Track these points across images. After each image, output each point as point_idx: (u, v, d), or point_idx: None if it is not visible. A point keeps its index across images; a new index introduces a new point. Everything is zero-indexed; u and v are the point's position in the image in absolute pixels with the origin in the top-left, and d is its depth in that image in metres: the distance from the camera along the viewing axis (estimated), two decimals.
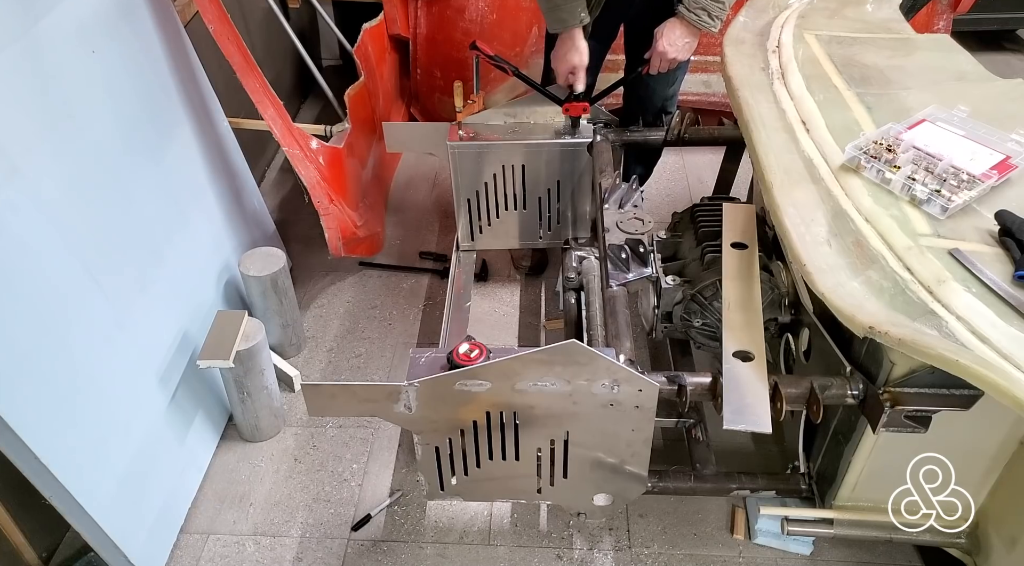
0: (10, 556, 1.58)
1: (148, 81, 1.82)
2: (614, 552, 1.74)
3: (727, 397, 1.29)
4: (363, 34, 2.73)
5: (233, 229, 2.18)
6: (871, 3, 2.07)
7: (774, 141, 1.54)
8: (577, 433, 1.42)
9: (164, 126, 1.88)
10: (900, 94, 1.65)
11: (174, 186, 1.89)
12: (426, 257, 2.63)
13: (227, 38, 1.92)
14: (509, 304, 2.44)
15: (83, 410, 1.48)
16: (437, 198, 2.95)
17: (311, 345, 2.30)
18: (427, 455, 1.48)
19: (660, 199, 2.89)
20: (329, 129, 2.44)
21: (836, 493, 1.50)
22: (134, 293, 1.67)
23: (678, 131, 2.09)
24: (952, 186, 1.32)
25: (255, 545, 1.76)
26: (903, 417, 1.24)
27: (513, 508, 1.83)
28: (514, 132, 2.10)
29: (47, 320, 1.40)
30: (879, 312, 1.14)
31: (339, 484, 1.90)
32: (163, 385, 1.74)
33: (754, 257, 1.61)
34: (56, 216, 1.46)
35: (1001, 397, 0.98)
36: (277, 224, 2.50)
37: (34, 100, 1.44)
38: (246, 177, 2.29)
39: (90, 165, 1.58)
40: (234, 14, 2.01)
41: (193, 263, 1.95)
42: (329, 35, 3.59)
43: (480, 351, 1.36)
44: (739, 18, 2.02)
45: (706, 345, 1.76)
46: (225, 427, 2.02)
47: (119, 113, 1.69)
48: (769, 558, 1.72)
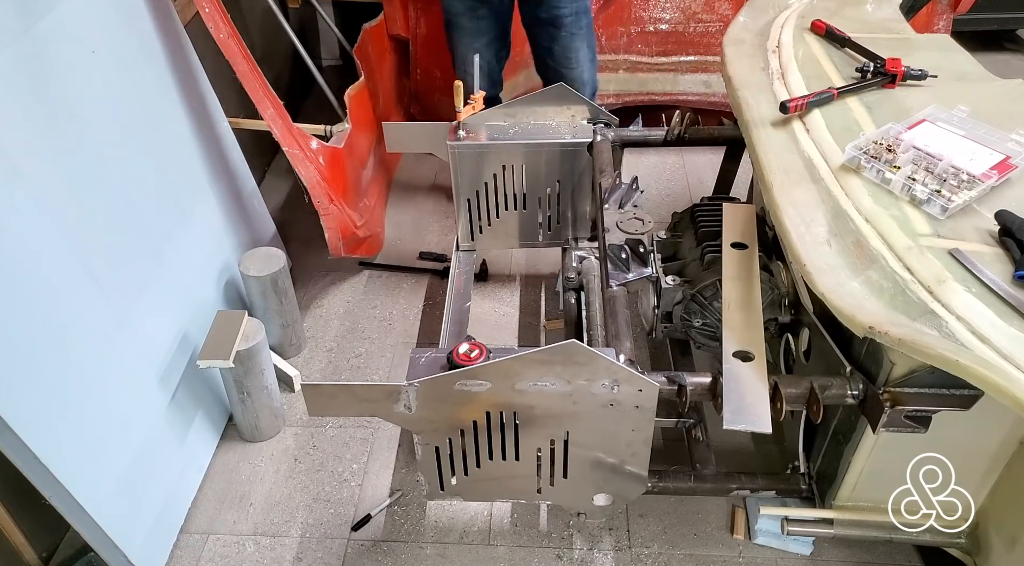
0: (10, 556, 1.59)
1: (148, 81, 1.82)
2: (614, 552, 1.74)
3: (727, 397, 1.29)
4: (363, 34, 2.73)
5: (233, 229, 2.18)
6: (871, 3, 2.07)
7: (774, 141, 1.54)
8: (577, 433, 1.42)
9: (164, 126, 1.88)
10: (900, 94, 1.65)
11: (174, 186, 1.89)
12: (426, 257, 2.63)
13: (227, 38, 1.92)
14: (509, 304, 2.44)
15: (83, 410, 1.48)
16: (437, 198, 2.95)
17: (311, 345, 2.30)
18: (427, 455, 1.48)
19: (660, 199, 2.89)
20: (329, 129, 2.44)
21: (836, 493, 1.50)
22: (134, 293, 1.67)
23: (678, 131, 2.09)
24: (952, 186, 1.32)
25: (255, 545, 1.76)
26: (903, 417, 1.24)
27: (513, 508, 1.83)
28: (514, 132, 2.10)
29: (47, 320, 1.40)
30: (879, 312, 1.14)
31: (339, 484, 1.90)
32: (163, 385, 1.74)
33: (754, 257, 1.61)
34: (56, 216, 1.46)
35: (1001, 397, 0.98)
36: (277, 224, 2.50)
37: (34, 100, 1.44)
38: (246, 177, 2.29)
39: (90, 165, 1.58)
40: (234, 14, 2.01)
41: (193, 263, 1.95)
42: (329, 35, 3.59)
43: (480, 351, 1.36)
44: (739, 18, 2.02)
45: (706, 345, 1.76)
46: (225, 427, 2.02)
47: (119, 113, 1.69)
48: (769, 558, 1.72)
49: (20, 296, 1.34)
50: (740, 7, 2.09)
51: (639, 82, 3.07)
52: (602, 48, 2.97)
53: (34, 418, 1.33)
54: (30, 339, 1.35)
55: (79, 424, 1.46)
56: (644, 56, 3.02)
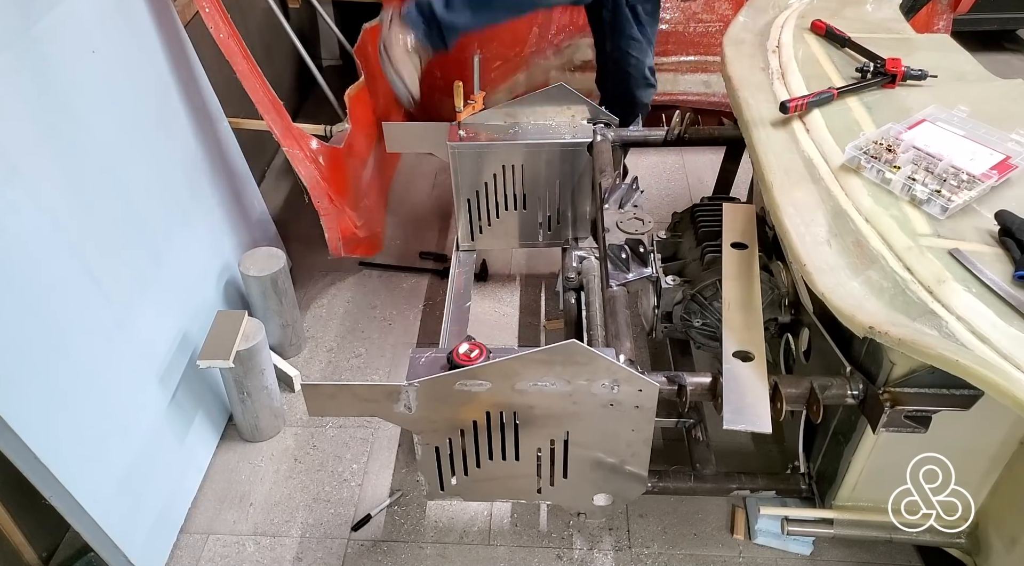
0: (10, 556, 1.58)
1: (148, 81, 1.82)
2: (614, 552, 1.74)
3: (727, 397, 1.29)
4: (363, 34, 2.73)
5: (233, 229, 2.18)
6: (871, 3, 2.07)
7: (774, 141, 1.54)
8: (577, 433, 1.42)
9: (164, 126, 1.87)
10: (900, 94, 1.65)
11: (174, 186, 1.89)
12: (426, 257, 2.63)
13: (227, 38, 1.92)
14: (509, 304, 2.44)
15: (83, 410, 1.48)
16: (437, 198, 2.95)
17: (311, 345, 2.30)
18: (427, 455, 1.48)
19: (660, 199, 2.89)
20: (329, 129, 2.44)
21: (836, 493, 1.50)
22: (134, 293, 1.67)
23: (678, 131, 2.09)
24: (952, 186, 1.32)
25: (255, 545, 1.76)
26: (903, 417, 1.24)
27: (513, 508, 1.83)
28: (514, 132, 2.10)
29: (47, 320, 1.40)
30: (879, 312, 1.14)
31: (339, 484, 1.90)
32: (163, 385, 1.74)
33: (754, 257, 1.61)
34: (56, 216, 1.46)
35: (1001, 397, 0.98)
36: (277, 224, 2.50)
37: (34, 100, 1.44)
38: (246, 177, 2.29)
39: (90, 165, 1.58)
40: (234, 14, 2.01)
41: (193, 263, 1.95)
42: (329, 35, 3.59)
43: (480, 351, 1.36)
44: (739, 18, 2.02)
45: (706, 345, 1.76)
46: (225, 427, 2.02)
47: (119, 113, 1.69)
48: (769, 558, 1.72)
49: (20, 296, 1.34)
50: (740, 7, 2.09)
51: None
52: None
53: (34, 418, 1.33)
54: (30, 339, 1.35)
55: (79, 424, 1.46)
56: None
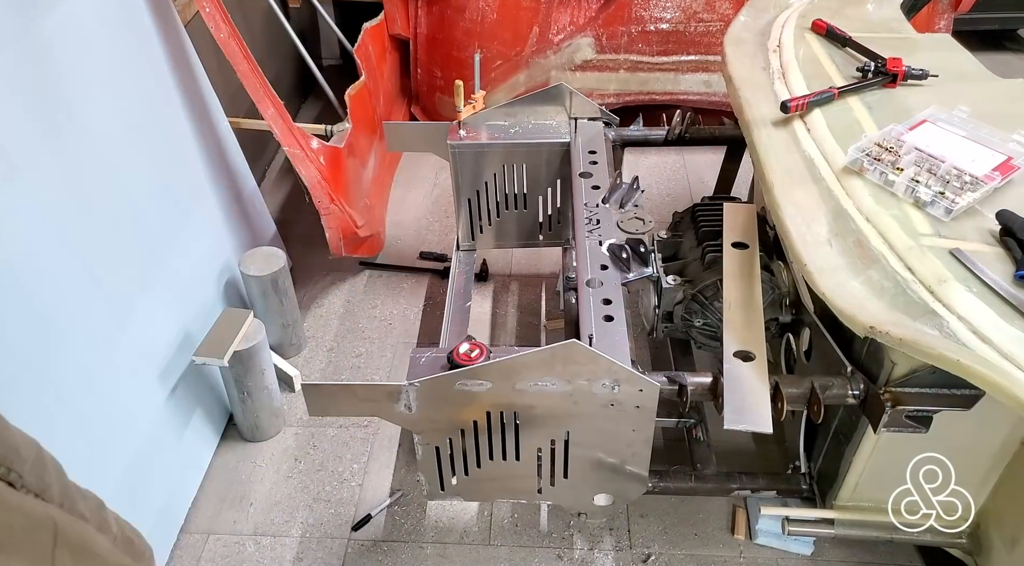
0: None
1: (148, 81, 1.82)
2: (614, 552, 1.74)
3: (728, 397, 1.29)
4: (363, 34, 2.73)
5: (233, 229, 2.18)
6: (872, 3, 2.07)
7: (775, 141, 1.54)
8: (577, 433, 1.42)
9: (164, 126, 1.87)
10: (901, 94, 1.65)
11: (174, 186, 1.89)
12: (426, 257, 2.63)
13: (227, 38, 1.92)
14: (509, 304, 2.43)
15: (83, 410, 1.47)
16: (437, 198, 2.94)
17: (311, 345, 2.30)
18: (427, 455, 1.48)
19: (661, 199, 2.89)
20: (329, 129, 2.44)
21: (837, 493, 1.50)
22: (134, 293, 1.67)
23: (679, 131, 2.09)
24: (955, 188, 1.31)
25: (255, 545, 1.76)
26: (904, 417, 1.23)
27: (513, 508, 1.83)
28: (514, 132, 2.10)
29: (47, 320, 1.40)
30: (880, 312, 1.14)
31: (339, 484, 1.89)
32: (163, 385, 1.74)
33: (755, 257, 1.60)
34: (56, 216, 1.46)
35: (1002, 397, 0.98)
36: (277, 224, 2.50)
37: (34, 100, 1.44)
38: (246, 177, 2.29)
39: (90, 165, 1.58)
40: (234, 14, 2.01)
41: (193, 263, 1.95)
42: (329, 35, 3.59)
43: (480, 351, 1.36)
44: (740, 18, 2.02)
45: (707, 345, 1.76)
46: (225, 427, 2.02)
47: (119, 113, 1.69)
48: (770, 558, 1.72)
49: (20, 296, 1.34)
50: (741, 6, 2.08)
51: (640, 81, 3.07)
52: (602, 47, 2.97)
53: (34, 418, 1.33)
54: (30, 339, 1.35)
55: (79, 424, 1.46)
56: (645, 55, 3.01)
